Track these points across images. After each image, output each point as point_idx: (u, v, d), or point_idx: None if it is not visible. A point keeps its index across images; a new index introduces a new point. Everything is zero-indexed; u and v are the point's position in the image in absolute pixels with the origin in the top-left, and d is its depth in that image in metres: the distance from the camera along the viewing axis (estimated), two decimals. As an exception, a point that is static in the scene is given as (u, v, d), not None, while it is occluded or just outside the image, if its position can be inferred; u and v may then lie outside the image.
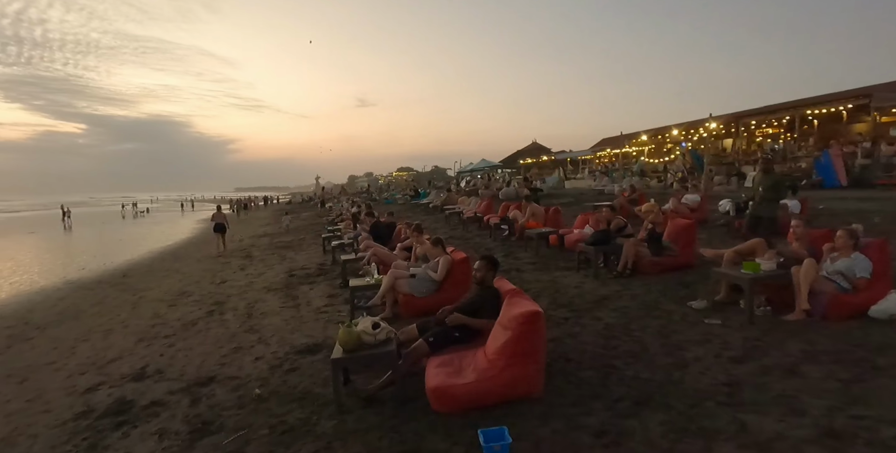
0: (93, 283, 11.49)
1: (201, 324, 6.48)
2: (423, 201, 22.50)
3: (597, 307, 5.51)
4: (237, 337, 5.66)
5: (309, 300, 7.02)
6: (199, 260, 13.97)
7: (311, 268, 9.67)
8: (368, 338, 3.65)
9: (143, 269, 13.24)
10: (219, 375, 4.51)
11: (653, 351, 4.16)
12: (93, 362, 5.46)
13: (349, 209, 18.97)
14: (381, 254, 7.74)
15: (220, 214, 16.71)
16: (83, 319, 7.83)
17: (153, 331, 6.41)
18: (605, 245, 7.07)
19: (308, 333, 5.46)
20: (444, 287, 5.78)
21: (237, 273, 10.44)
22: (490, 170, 37.41)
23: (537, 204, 11.06)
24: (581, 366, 3.96)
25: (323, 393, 3.83)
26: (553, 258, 8.35)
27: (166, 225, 34.48)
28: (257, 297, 7.68)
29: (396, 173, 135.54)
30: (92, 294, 10.10)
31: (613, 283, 6.47)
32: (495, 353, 3.46)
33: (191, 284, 9.75)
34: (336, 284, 7.82)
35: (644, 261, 6.83)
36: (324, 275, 8.79)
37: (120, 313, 7.86)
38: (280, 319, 6.19)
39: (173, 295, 8.83)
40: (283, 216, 23.26)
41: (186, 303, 7.90)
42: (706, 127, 29.32)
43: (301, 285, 8.19)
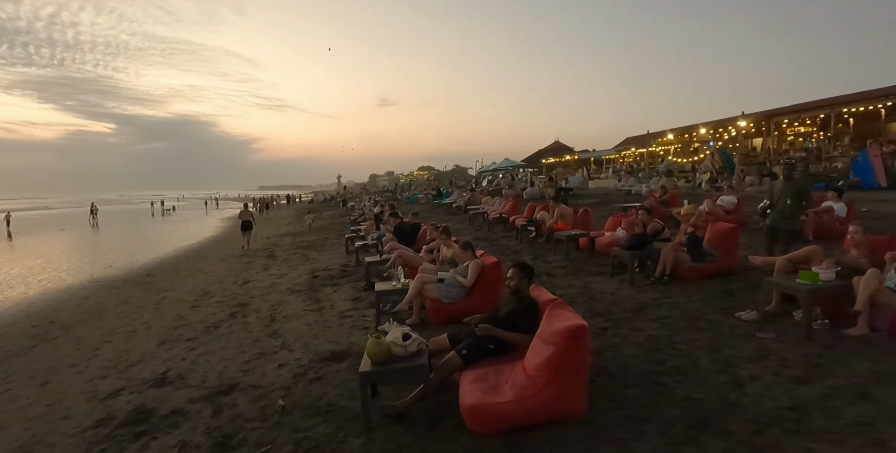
0: (118, 282, 11.53)
1: (224, 326, 6.34)
2: (445, 201, 22.25)
3: (636, 316, 5.19)
4: (260, 342, 5.49)
5: (333, 303, 6.84)
6: (223, 259, 13.97)
7: (335, 270, 9.51)
8: (398, 349, 3.43)
9: (167, 268, 13.27)
10: (241, 383, 4.33)
11: (703, 368, 3.84)
12: (114, 365, 5.35)
13: (371, 209, 18.84)
14: (407, 256, 7.52)
15: (247, 212, 17.17)
16: (107, 319, 7.78)
17: (175, 334, 6.30)
18: (642, 249, 6.73)
19: (332, 339, 5.27)
20: (474, 292, 5.52)
21: (260, 273, 10.34)
22: (513, 169, 37.00)
23: (565, 204, 10.72)
24: (626, 383, 3.67)
25: (350, 407, 3.62)
26: (584, 262, 8.03)
27: (191, 223, 34.90)
28: (280, 299, 7.53)
29: (417, 172, 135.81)
30: (117, 293, 10.10)
31: (651, 290, 6.14)
32: (536, 370, 3.20)
33: (214, 284, 9.68)
34: (360, 287, 7.63)
35: (683, 266, 6.47)
36: (347, 277, 8.62)
37: (143, 314, 7.80)
38: (303, 323, 6.01)
39: (196, 295, 8.75)
40: (306, 215, 23.30)
41: (209, 305, 7.79)
42: (736, 125, 28.55)
43: (324, 287, 8.03)
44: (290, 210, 43.80)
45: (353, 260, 10.18)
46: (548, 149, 51.53)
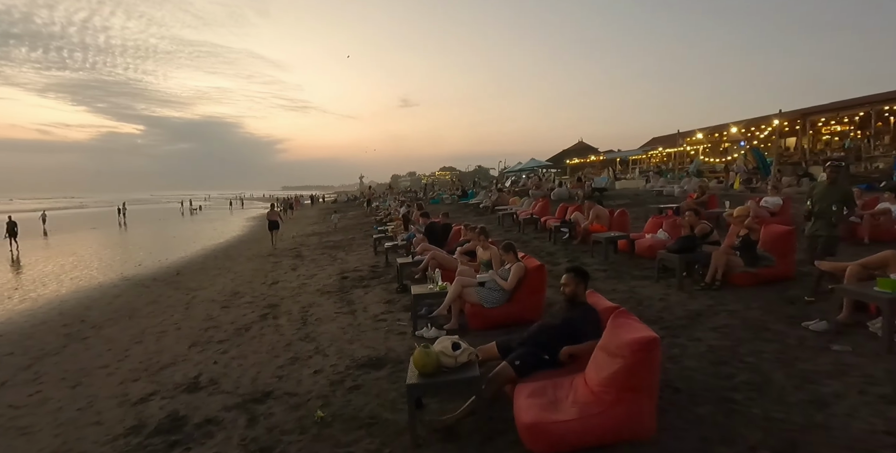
0: (148, 280, 11.55)
1: (255, 329, 6.18)
2: (471, 201, 21.97)
3: (692, 324, 4.85)
4: (293, 345, 5.30)
5: (365, 306, 6.63)
6: (250, 258, 13.93)
7: (364, 270, 9.32)
8: (448, 360, 3.17)
9: (195, 267, 13.27)
10: (276, 390, 4.13)
11: (778, 384, 3.50)
12: (145, 368, 5.21)
13: (397, 209, 18.67)
14: (441, 257, 7.27)
15: (274, 212, 17.75)
16: (137, 319, 7.71)
17: (206, 336, 6.16)
18: (691, 252, 6.36)
19: (368, 344, 5.04)
20: (516, 297, 5.24)
21: (288, 273, 10.21)
22: (539, 169, 36.52)
23: (600, 205, 10.35)
24: (695, 400, 3.35)
25: (394, 420, 3.37)
26: (625, 265, 7.67)
27: (218, 222, 35.28)
28: (311, 301, 7.35)
29: (439, 173, 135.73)
30: (147, 292, 10.09)
31: (702, 296, 5.77)
32: (602, 386, 2.91)
33: (243, 284, 9.58)
34: (392, 289, 7.41)
35: (736, 271, 6.08)
36: (377, 279, 8.41)
37: (173, 314, 7.70)
38: (336, 327, 5.80)
39: (226, 295, 8.65)
40: (332, 214, 23.27)
41: (239, 305, 7.66)
42: (770, 124, 27.62)
43: (355, 288, 7.83)
44: (315, 210, 44.02)
45: (383, 261, 9.98)
46: (572, 150, 50.82)
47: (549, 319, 3.76)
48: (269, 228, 16.92)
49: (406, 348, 4.79)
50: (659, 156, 39.99)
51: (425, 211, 10.25)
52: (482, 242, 6.03)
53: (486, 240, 6.04)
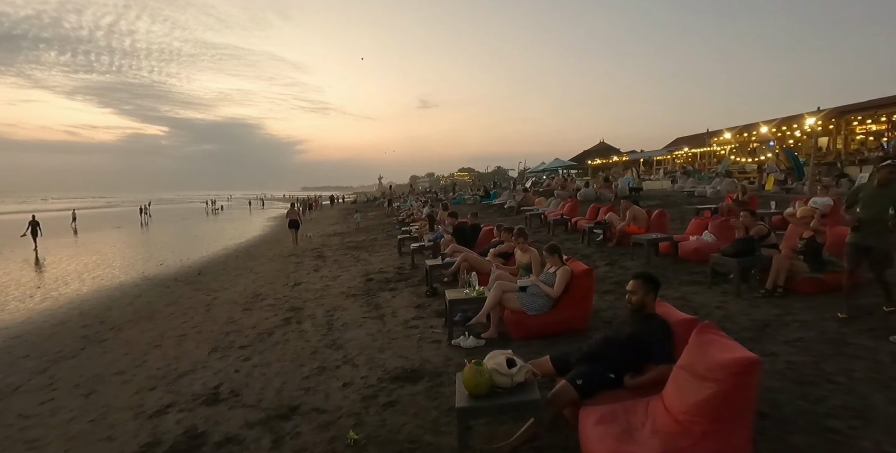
0: (169, 280, 11.34)
1: (278, 334, 5.83)
2: (494, 202, 21.49)
3: (761, 337, 4.35)
4: (319, 353, 4.93)
5: (394, 310, 6.24)
6: (272, 258, 13.68)
7: (389, 272, 8.95)
8: (503, 379, 2.75)
9: (217, 267, 13.06)
10: (303, 405, 3.75)
11: (882, 410, 3.01)
12: (163, 375, 4.89)
13: (420, 209, 18.30)
14: (474, 260, 6.85)
15: (294, 211, 17.94)
16: (157, 320, 7.44)
17: (227, 340, 5.82)
18: (749, 256, 5.84)
19: (400, 353, 4.64)
20: (561, 304, 4.79)
21: (311, 274, 9.89)
22: (563, 169, 35.88)
23: (637, 205, 9.82)
24: (786, 427, 2.88)
25: (437, 444, 2.97)
26: (670, 269, 7.16)
27: (239, 222, 35.37)
28: (335, 304, 6.99)
29: (458, 174, 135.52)
30: (167, 292, 9.86)
31: (765, 304, 5.26)
32: (689, 414, 2.45)
33: (265, 286, 9.28)
34: (421, 292, 7.02)
35: (800, 277, 5.55)
36: (404, 281, 8.02)
37: (193, 316, 7.42)
38: (364, 333, 5.42)
39: (247, 297, 8.34)
40: (354, 214, 23.00)
41: (261, 308, 7.34)
42: (802, 123, 26.65)
43: (381, 291, 7.45)
44: (335, 210, 43.99)
45: (408, 262, 9.60)
46: (593, 150, 50.05)
47: (611, 332, 3.30)
48: (290, 227, 17.27)
49: (442, 359, 4.39)
50: (684, 156, 39.10)
51: (453, 211, 9.84)
52: (521, 244, 5.59)
53: (525, 242, 5.60)
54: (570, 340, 4.59)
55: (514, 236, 5.71)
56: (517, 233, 5.66)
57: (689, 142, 39.85)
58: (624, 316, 3.43)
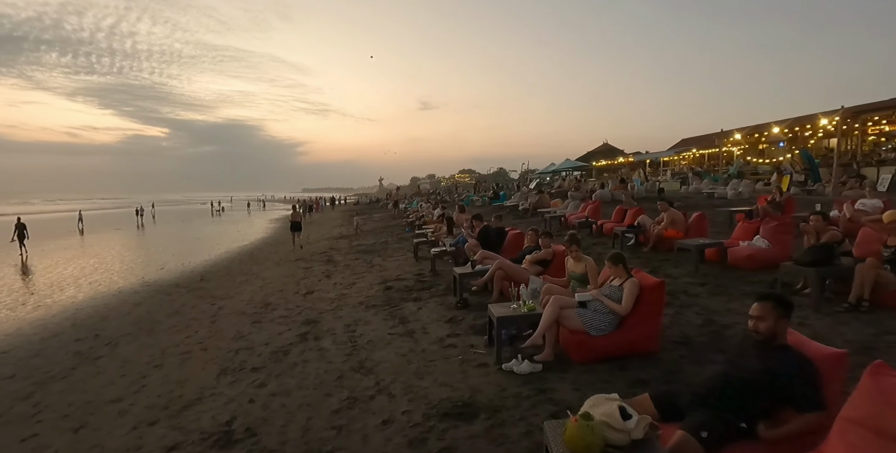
0: (170, 287, 10.67)
1: (295, 352, 5.14)
2: (507, 204, 20.79)
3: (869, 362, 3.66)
4: (346, 379, 4.24)
5: (423, 325, 5.55)
6: (278, 263, 13.00)
7: (409, 279, 8.27)
8: (618, 436, 2.08)
9: (220, 272, 12.37)
10: (337, 451, 3.07)
11: None
12: (165, 405, 4.20)
13: (431, 210, 17.62)
14: (509, 268, 6.18)
15: (297, 213, 18.12)
16: (158, 335, 6.76)
17: (237, 360, 5.14)
18: (827, 266, 5.16)
19: (443, 380, 3.96)
20: (629, 321, 4.12)
21: (323, 281, 9.21)
22: (574, 170, 35.25)
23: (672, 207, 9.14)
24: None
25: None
26: (722, 278, 6.48)
27: (241, 224, 34.71)
28: (355, 316, 6.31)
29: (458, 175, 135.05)
30: (169, 300, 9.18)
31: (853, 320, 4.58)
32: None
33: (274, 293, 8.60)
34: (449, 303, 6.35)
35: (889, 289, 4.88)
36: (427, 290, 7.34)
37: (198, 329, 6.74)
38: (395, 353, 4.74)
39: (256, 307, 7.66)
40: (354, 217, 22.25)
41: (273, 320, 6.66)
42: (815, 124, 26.03)
43: (404, 302, 6.77)
44: (337, 212, 43.23)
45: (428, 268, 8.92)
46: (597, 151, 49.50)
47: (731, 368, 2.63)
48: (292, 229, 17.33)
49: (495, 388, 3.71)
50: (691, 157, 38.52)
51: (477, 213, 9.14)
52: (574, 252, 4.91)
53: (578, 250, 4.93)
54: (641, 364, 3.93)
55: (566, 243, 5.02)
56: (570, 239, 4.97)
57: (697, 143, 39.28)
58: (745, 346, 2.75)
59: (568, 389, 3.59)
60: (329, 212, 44.57)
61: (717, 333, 4.53)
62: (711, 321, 4.84)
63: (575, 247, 4.90)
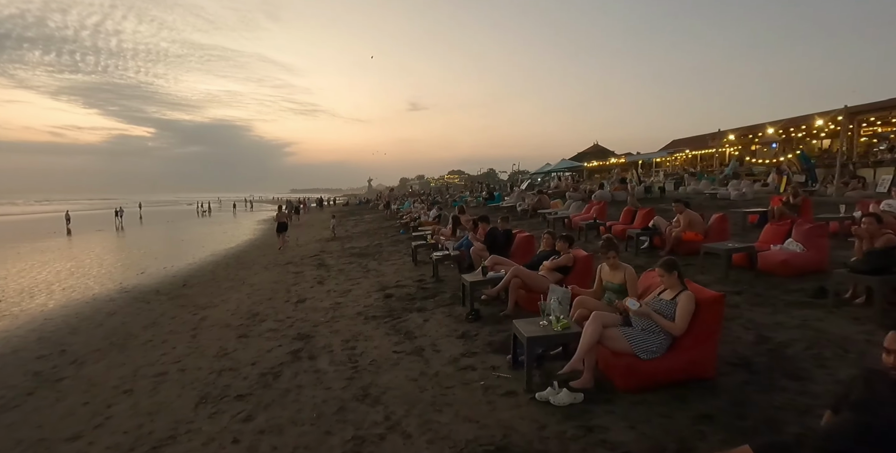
0: (149, 294, 9.90)
1: (287, 375, 4.46)
2: (503, 204, 20.19)
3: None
4: (349, 410, 3.58)
5: (433, 341, 4.90)
6: (267, 267, 12.26)
7: (409, 286, 7.61)
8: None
9: (205, 277, 11.61)
10: (344, 517, 2.41)
11: None
12: (131, 446, 3.50)
13: (426, 211, 16.96)
14: (526, 276, 5.56)
15: (283, 214, 17.84)
16: (131, 351, 6.03)
17: (220, 385, 4.44)
18: (888, 273, 4.60)
19: (467, 414, 3.32)
20: (683, 343, 3.51)
21: (315, 288, 8.51)
22: (569, 170, 34.78)
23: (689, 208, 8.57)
24: None
25: None
26: (758, 286, 5.90)
27: (228, 225, 33.77)
28: (354, 330, 5.64)
29: (448, 176, 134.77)
30: (146, 309, 8.42)
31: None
32: None
33: (262, 302, 7.89)
34: (458, 314, 5.70)
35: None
36: (431, 298, 6.69)
37: (176, 345, 6.02)
38: (404, 377, 4.08)
39: (242, 317, 6.96)
40: (330, 220, 21.22)
41: (261, 334, 5.96)
42: (811, 124, 25.84)
43: (407, 312, 6.12)
44: (326, 213, 42.31)
45: (429, 273, 8.28)
46: (588, 152, 49.29)
47: (866, 416, 2.02)
48: (278, 230, 17.07)
49: (532, 425, 3.08)
50: (683, 158, 38.35)
51: (484, 215, 8.49)
52: (612, 259, 4.29)
53: (617, 256, 4.31)
54: (700, 393, 3.32)
55: (603, 248, 4.39)
56: (607, 244, 4.34)
57: (689, 144, 39.13)
58: (877, 387, 2.14)
59: (621, 427, 2.97)
60: (317, 214, 43.61)
61: (776, 353, 3.92)
62: (765, 338, 4.24)
63: (613, 253, 4.28)
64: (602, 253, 4.33)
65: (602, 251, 4.35)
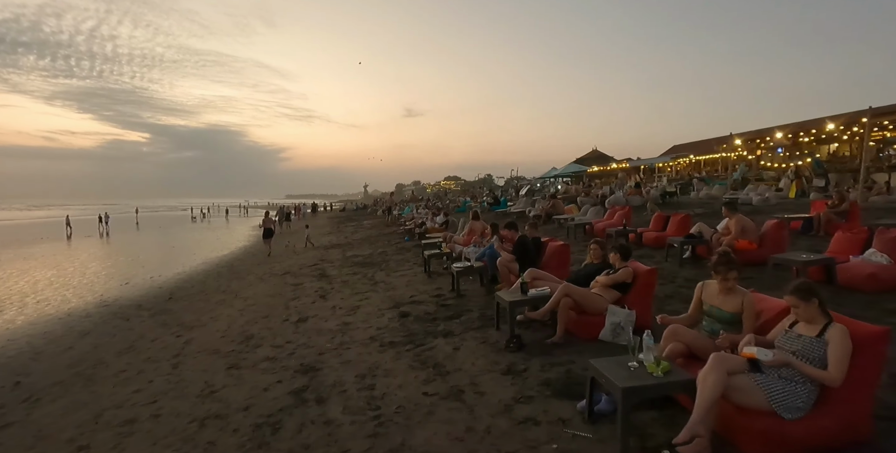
0: (131, 308, 8.87)
1: (289, 428, 3.46)
2: (511, 210, 19.25)
3: None
4: (378, 491, 2.59)
5: (472, 379, 3.91)
6: (262, 277, 11.24)
7: (427, 303, 6.64)
8: None
9: (194, 289, 10.58)
10: None
11: None
12: None
13: (432, 217, 16.00)
14: (580, 295, 4.60)
15: (269, 220, 17.50)
16: (98, 385, 5.01)
17: (201, 442, 3.43)
18: None
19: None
20: (835, 395, 2.56)
21: (318, 303, 7.51)
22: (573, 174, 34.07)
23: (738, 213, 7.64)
24: None
25: None
26: (848, 304, 4.93)
27: (221, 231, 32.69)
28: (368, 360, 4.65)
29: (444, 182, 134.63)
30: (124, 328, 7.41)
31: None
32: None
33: (257, 321, 6.88)
34: (494, 341, 4.73)
35: None
36: (455, 318, 5.70)
37: (154, 377, 5.00)
38: (448, 436, 3.09)
39: (233, 341, 5.95)
40: (304, 229, 19.74)
41: (255, 365, 4.95)
42: (821, 128, 25.22)
43: (430, 337, 5.13)
44: (322, 219, 41.19)
45: (446, 286, 7.34)
46: (588, 158, 48.59)
47: None
48: (264, 236, 17.01)
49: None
50: (686, 163, 37.78)
51: (511, 221, 7.52)
52: (730, 281, 3.27)
53: (737, 278, 3.31)
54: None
55: (715, 265, 3.35)
56: (724, 261, 3.30)
57: (691, 149, 38.60)
58: None
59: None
60: (312, 220, 42.25)
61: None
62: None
63: (734, 273, 3.28)
64: (718, 272, 3.33)
65: (714, 268, 3.35)
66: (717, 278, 3.38)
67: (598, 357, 4.17)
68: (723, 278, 3.34)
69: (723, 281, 3.34)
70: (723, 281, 3.34)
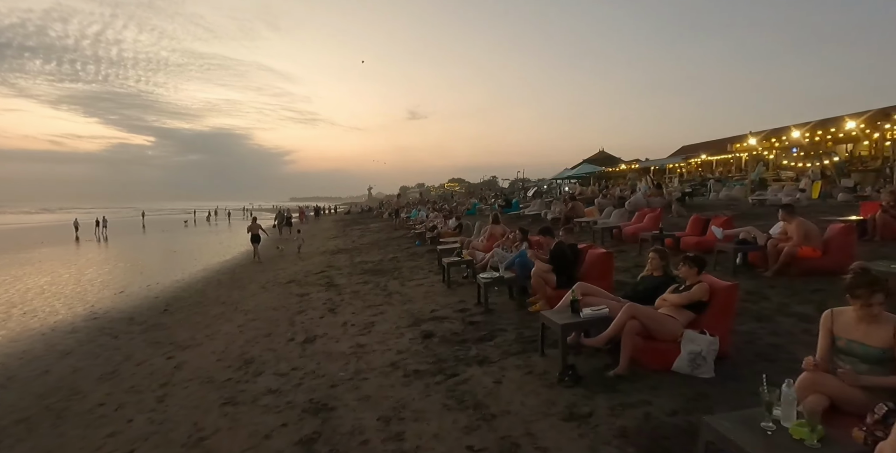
0: (121, 323, 8.10)
1: (298, 499, 2.66)
2: (525, 212, 18.44)
3: None
4: None
5: (527, 428, 3.10)
6: (265, 286, 10.46)
7: (451, 319, 5.83)
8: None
9: (191, 300, 9.80)
10: None
11: None
12: None
13: (445, 221, 15.21)
14: (648, 317, 3.80)
15: (255, 225, 16.94)
16: (68, 424, 4.20)
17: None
18: None
19: None
20: None
21: (326, 318, 6.71)
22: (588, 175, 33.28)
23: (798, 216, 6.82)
24: None
25: None
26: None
27: (224, 235, 31.98)
28: (392, 396, 3.84)
29: (448, 184, 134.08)
30: (111, 347, 6.63)
31: None
32: None
33: (258, 340, 6.09)
34: (541, 371, 3.92)
35: None
36: (490, 342, 4.87)
37: (134, 414, 4.20)
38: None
39: (231, 366, 5.15)
40: (296, 234, 19.57)
41: (255, 400, 4.14)
42: (841, 127, 24.41)
43: (462, 364, 4.32)
44: (328, 222, 40.37)
45: (470, 298, 6.55)
46: (594, 159, 47.72)
47: None
48: (252, 241, 16.70)
49: None
50: (696, 163, 36.96)
51: (546, 226, 6.72)
52: (874, 307, 2.44)
53: (882, 303, 2.49)
54: None
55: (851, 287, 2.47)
56: (867, 282, 2.47)
57: (703, 149, 37.76)
58: None
59: None
60: (316, 223, 41.35)
61: None
62: None
63: (881, 296, 2.46)
64: (858, 297, 2.49)
65: (858, 295, 2.50)
66: (855, 304, 2.56)
67: (677, 392, 3.37)
68: (864, 304, 2.51)
69: (864, 307, 2.51)
70: (864, 307, 2.51)
